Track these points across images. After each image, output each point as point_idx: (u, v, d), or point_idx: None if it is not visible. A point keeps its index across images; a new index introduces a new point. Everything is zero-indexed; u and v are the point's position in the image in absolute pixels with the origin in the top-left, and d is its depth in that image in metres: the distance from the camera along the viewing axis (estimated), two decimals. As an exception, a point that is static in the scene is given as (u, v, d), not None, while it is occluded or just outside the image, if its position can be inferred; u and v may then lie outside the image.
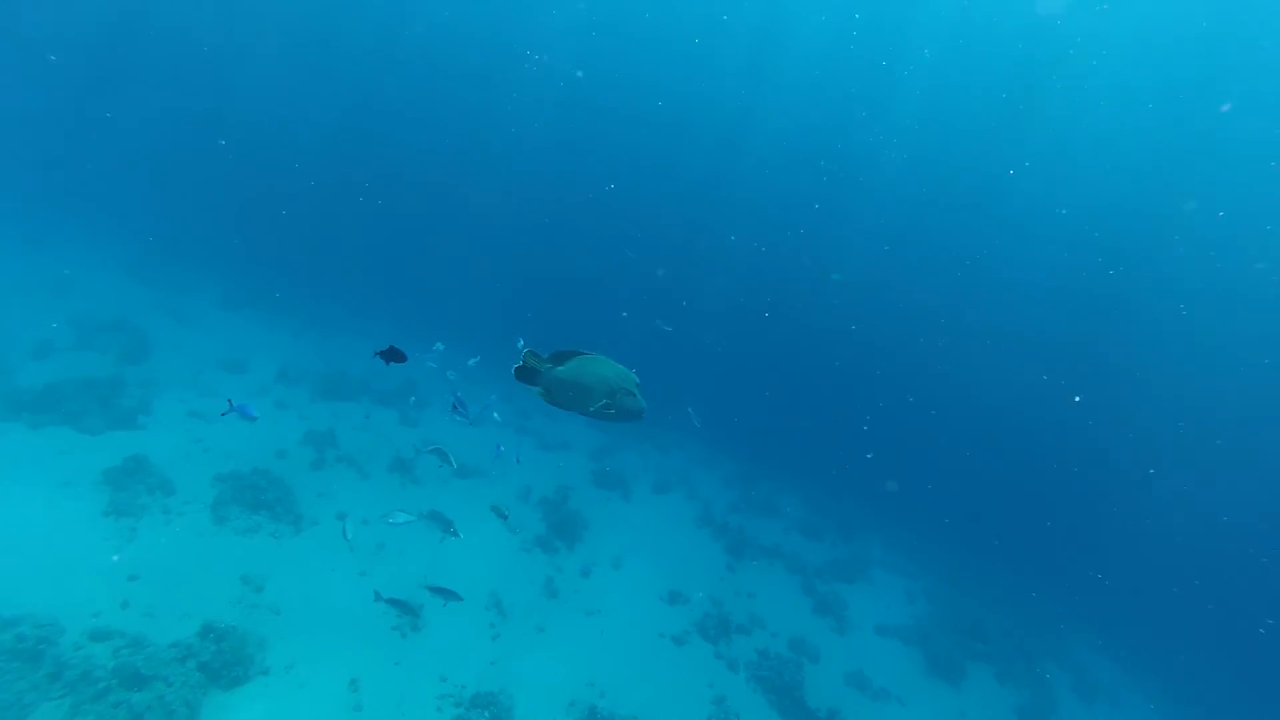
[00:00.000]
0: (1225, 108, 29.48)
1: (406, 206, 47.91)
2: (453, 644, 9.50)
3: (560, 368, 3.31)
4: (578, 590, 12.27)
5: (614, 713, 9.11)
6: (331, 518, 11.54)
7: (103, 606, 8.30)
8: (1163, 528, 33.37)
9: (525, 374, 3.36)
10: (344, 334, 24.57)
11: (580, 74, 45.61)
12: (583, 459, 19.45)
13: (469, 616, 10.25)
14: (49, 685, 7.22)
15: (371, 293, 32.56)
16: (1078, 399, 36.95)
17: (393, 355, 5.52)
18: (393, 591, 10.14)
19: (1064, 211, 38.27)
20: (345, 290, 31.14)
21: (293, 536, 10.62)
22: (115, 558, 8.94)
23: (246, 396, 15.51)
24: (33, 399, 12.04)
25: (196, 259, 27.29)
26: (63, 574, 8.58)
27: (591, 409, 3.38)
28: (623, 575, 13.50)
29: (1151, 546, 32.61)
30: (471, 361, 14.88)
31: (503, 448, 8.71)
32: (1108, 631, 22.28)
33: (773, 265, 46.10)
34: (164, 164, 40.74)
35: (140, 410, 12.84)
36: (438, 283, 38.38)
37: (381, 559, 10.90)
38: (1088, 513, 35.10)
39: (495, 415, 13.09)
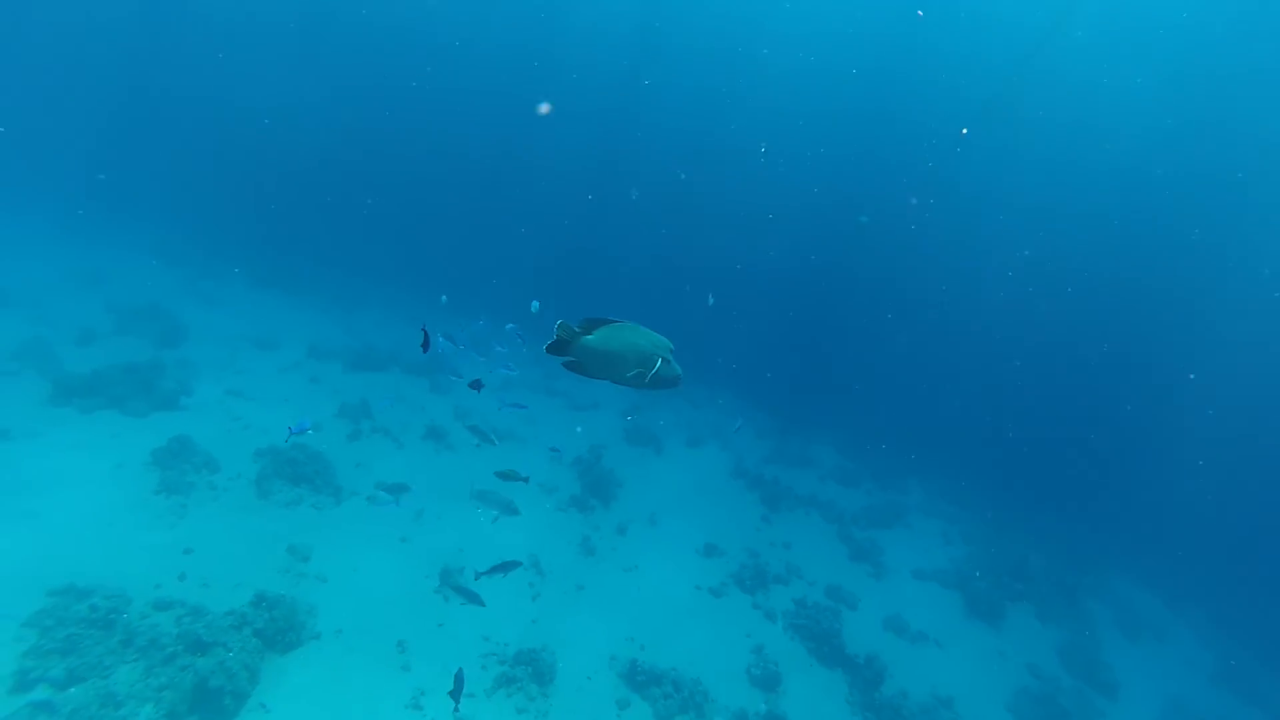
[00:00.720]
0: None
1: (427, 181, 47.76)
2: (494, 604, 9.75)
3: (590, 336, 3.21)
4: (615, 548, 12.46)
5: (654, 666, 9.30)
6: (370, 487, 11.83)
7: (163, 579, 8.70)
8: (1210, 457, 32.46)
9: (558, 346, 3.26)
10: (369, 308, 24.85)
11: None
12: (614, 417, 19.56)
13: (509, 578, 10.48)
14: (123, 650, 7.64)
15: (393, 268, 32.74)
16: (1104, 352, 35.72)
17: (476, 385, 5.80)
18: (433, 558, 10.45)
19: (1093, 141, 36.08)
20: (367, 266, 31.38)
21: (334, 507, 10.93)
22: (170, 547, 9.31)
23: (279, 373, 15.85)
24: (81, 385, 12.46)
25: (222, 242, 27.67)
26: (124, 549, 8.99)
27: (625, 377, 3.30)
28: (659, 531, 13.66)
29: (1197, 477, 31.78)
30: (509, 327, 14.99)
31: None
32: (1152, 565, 21.95)
33: (804, 214, 44.93)
34: (187, 150, 41.12)
35: (181, 392, 13.21)
36: (463, 256, 38.45)
37: (420, 526, 11.18)
38: (1130, 445, 34.29)
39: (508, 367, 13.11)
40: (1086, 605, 16.24)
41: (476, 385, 6.49)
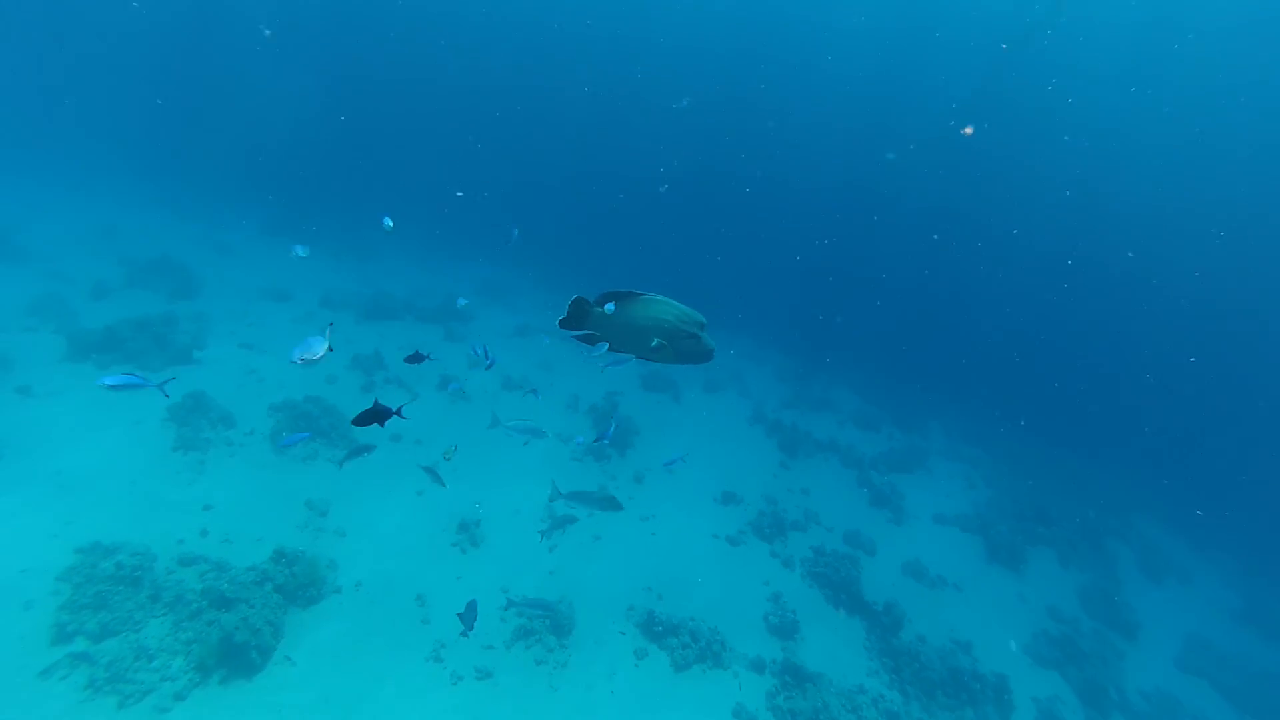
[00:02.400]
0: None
1: (437, 131, 46.36)
2: (511, 557, 9.83)
3: (608, 308, 2.97)
4: (631, 497, 12.44)
5: (672, 615, 9.36)
6: (386, 440, 11.83)
7: (185, 535, 8.83)
8: (1238, 397, 31.60)
9: (572, 320, 3.04)
10: (382, 255, 24.52)
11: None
12: (632, 363, 19.33)
13: (526, 530, 10.54)
14: (151, 605, 7.82)
15: (407, 214, 32.16)
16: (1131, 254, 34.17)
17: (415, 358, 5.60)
18: (450, 511, 10.48)
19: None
20: (381, 212, 30.82)
21: (350, 461, 10.93)
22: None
23: (292, 324, 15.76)
24: (97, 341, 12.46)
25: (234, 192, 27.26)
26: (146, 506, 9.12)
27: (648, 349, 3.09)
28: (675, 479, 13.60)
29: (1225, 417, 31.03)
30: (462, 302, 14.87)
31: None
32: (1178, 508, 21.63)
33: (825, 154, 43.02)
34: (198, 101, 40.16)
35: (194, 345, 13.19)
36: (472, 205, 37.64)
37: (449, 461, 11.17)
38: (1157, 385, 33.43)
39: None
40: (1110, 547, 16.09)
41: (415, 359, 6.23)
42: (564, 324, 3.10)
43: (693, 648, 8.94)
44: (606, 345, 3.27)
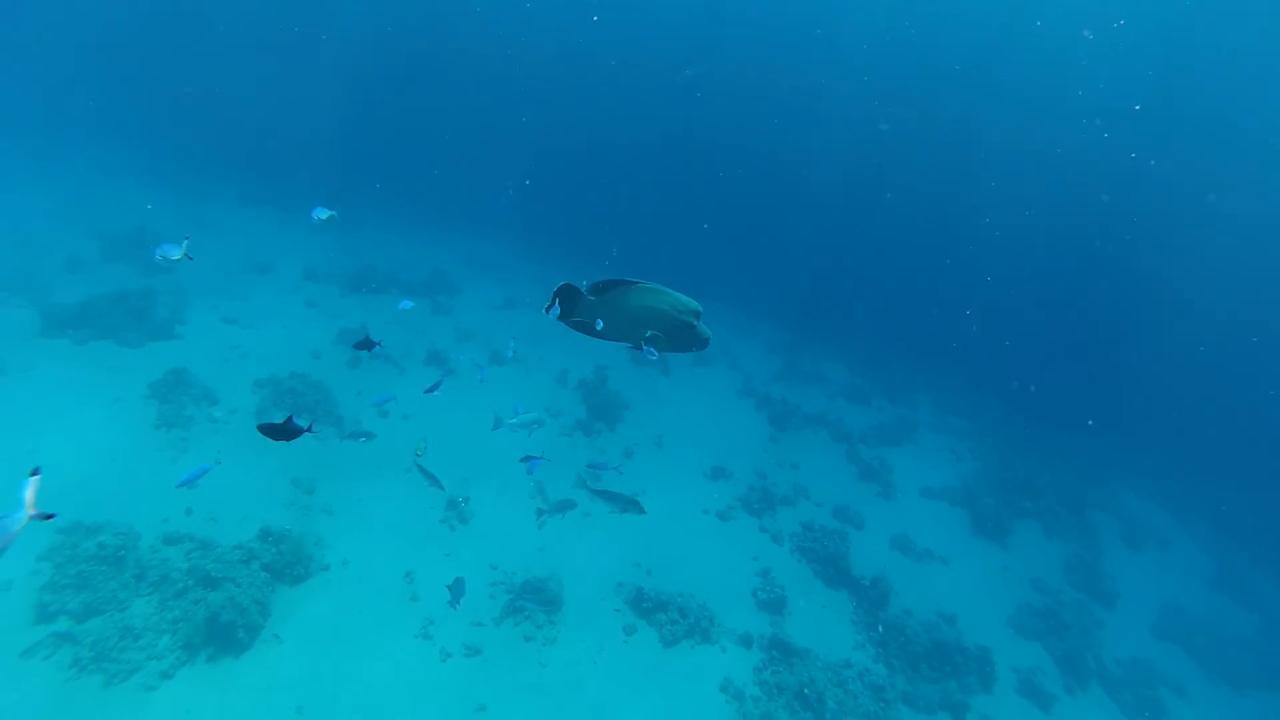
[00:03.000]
0: None
1: (423, 99, 45.10)
2: (500, 533, 9.82)
3: (602, 297, 2.87)
4: (621, 472, 12.39)
5: (661, 591, 9.42)
6: (373, 416, 11.70)
7: (169, 513, 8.72)
8: (1216, 364, 32.02)
9: (563, 303, 2.93)
10: (365, 227, 24.01)
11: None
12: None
13: (515, 506, 10.51)
14: (136, 584, 7.75)
15: (391, 184, 31.45)
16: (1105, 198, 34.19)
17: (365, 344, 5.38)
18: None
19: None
20: (363, 181, 30.13)
21: (336, 438, 10.83)
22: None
23: (275, 297, 15.44)
24: (73, 315, 12.16)
25: (211, 162, 26.47)
26: (129, 485, 8.98)
27: (641, 339, 3.01)
28: (665, 454, 13.60)
29: (1203, 383, 31.44)
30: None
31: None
32: (1158, 476, 22.00)
33: (817, 123, 42.33)
34: (170, 67, 38.72)
35: (175, 320, 12.91)
36: (457, 173, 36.83)
37: (424, 455, 11.08)
38: (1137, 354, 33.79)
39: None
40: (1092, 518, 16.35)
41: (365, 345, 6.11)
42: (552, 310, 3.00)
43: (681, 623, 9.01)
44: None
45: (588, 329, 3.09)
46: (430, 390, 8.76)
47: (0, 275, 13.26)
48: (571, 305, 3.00)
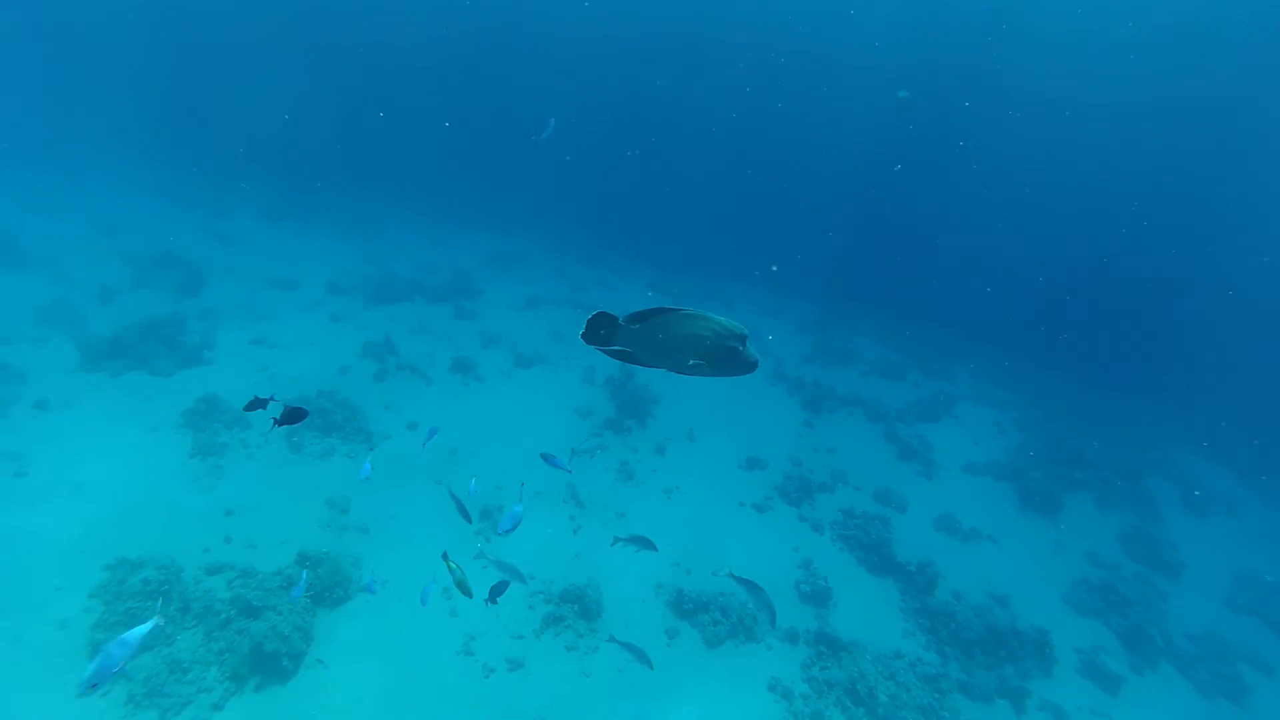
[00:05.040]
0: None
1: (438, 99, 45.00)
2: (536, 542, 9.73)
3: (642, 325, 2.71)
4: (654, 470, 12.24)
5: (701, 591, 9.24)
6: (402, 429, 11.71)
7: (210, 542, 8.84)
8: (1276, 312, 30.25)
9: (598, 333, 2.79)
10: (387, 230, 24.11)
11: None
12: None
13: (549, 512, 10.42)
14: (181, 617, 7.86)
15: (409, 186, 31.54)
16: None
17: (291, 417, 5.13)
18: (471, 499, 10.35)
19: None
20: (382, 186, 30.26)
21: (366, 454, 10.85)
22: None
23: (300, 313, 15.56)
24: (108, 347, 12.39)
25: (232, 177, 26.85)
26: (169, 516, 9.12)
27: (685, 366, 2.86)
28: (698, 447, 13.37)
29: (1264, 333, 29.75)
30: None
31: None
32: (1222, 435, 20.92)
33: (842, 91, 40.94)
34: (187, 83, 39.35)
35: (204, 345, 13.08)
36: (475, 174, 36.75)
37: (455, 464, 11.08)
38: (1193, 307, 32.11)
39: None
40: (1149, 485, 15.63)
41: (256, 405, 5.98)
42: (588, 340, 2.85)
43: (724, 624, 8.84)
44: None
45: (627, 357, 2.92)
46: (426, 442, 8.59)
47: (40, 310, 13.59)
48: (609, 334, 2.83)
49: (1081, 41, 33.14)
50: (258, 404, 6.18)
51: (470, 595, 5.32)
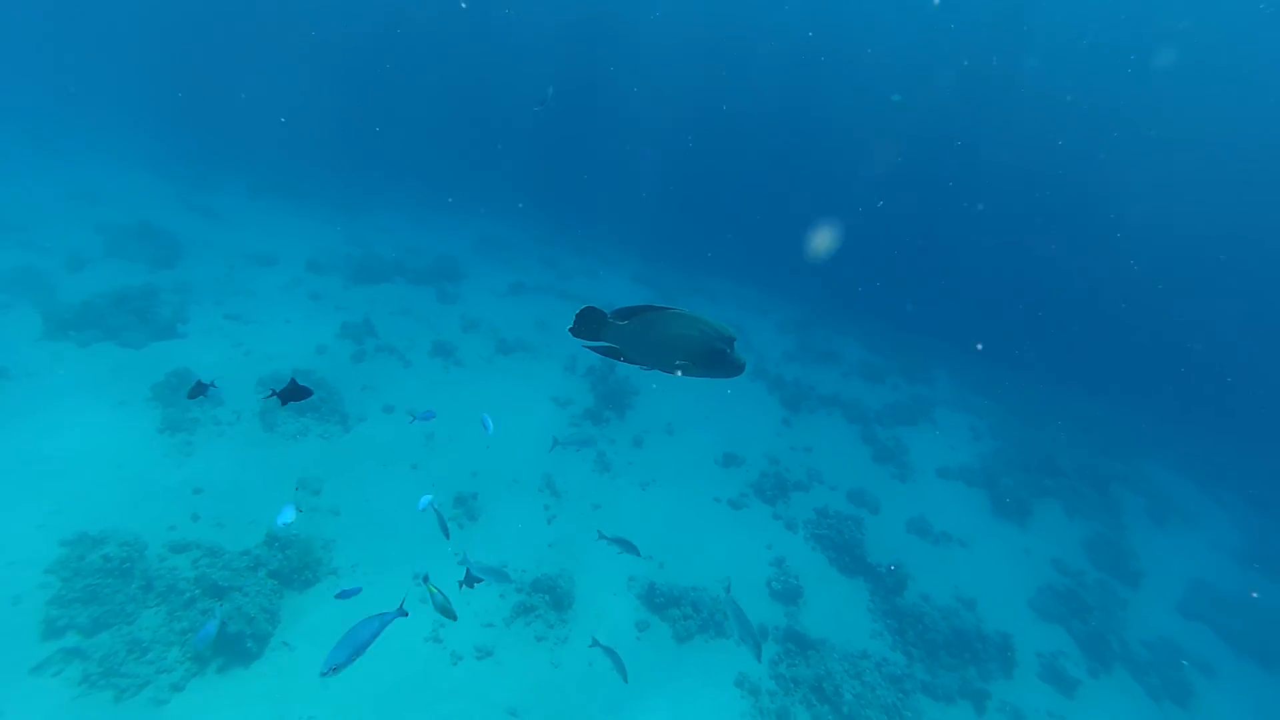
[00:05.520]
0: None
1: (428, 79, 44.28)
2: (510, 531, 9.69)
3: (629, 322, 2.69)
4: (631, 462, 12.24)
5: (673, 585, 9.27)
6: (378, 412, 11.57)
7: (176, 520, 8.66)
8: (1249, 334, 31.06)
9: (586, 328, 2.78)
10: (374, 212, 23.73)
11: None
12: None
13: (524, 501, 10.37)
14: (144, 595, 7.70)
15: (397, 165, 31.05)
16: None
17: (294, 393, 4.98)
18: (447, 485, 10.28)
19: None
20: (371, 167, 29.77)
21: (342, 436, 10.72)
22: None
23: (279, 291, 15.27)
24: (76, 316, 12.06)
25: (216, 150, 26.22)
26: (135, 492, 8.93)
27: (672, 367, 2.85)
28: (676, 441, 13.39)
29: (1233, 356, 30.57)
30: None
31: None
32: (1186, 449, 21.50)
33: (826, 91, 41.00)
34: (173, 53, 38.27)
35: (178, 319, 12.79)
36: (467, 152, 36.27)
37: (431, 450, 10.97)
38: (1165, 325, 32.86)
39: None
40: (1117, 495, 15.98)
41: (198, 391, 5.94)
42: (576, 334, 2.82)
43: (694, 618, 8.88)
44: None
45: (613, 354, 2.90)
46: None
47: (4, 276, 13.17)
48: (595, 330, 2.81)
49: (1072, 43, 33.57)
50: (199, 390, 6.09)
51: (455, 618, 5.23)
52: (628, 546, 7.75)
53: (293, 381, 4.90)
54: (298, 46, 41.38)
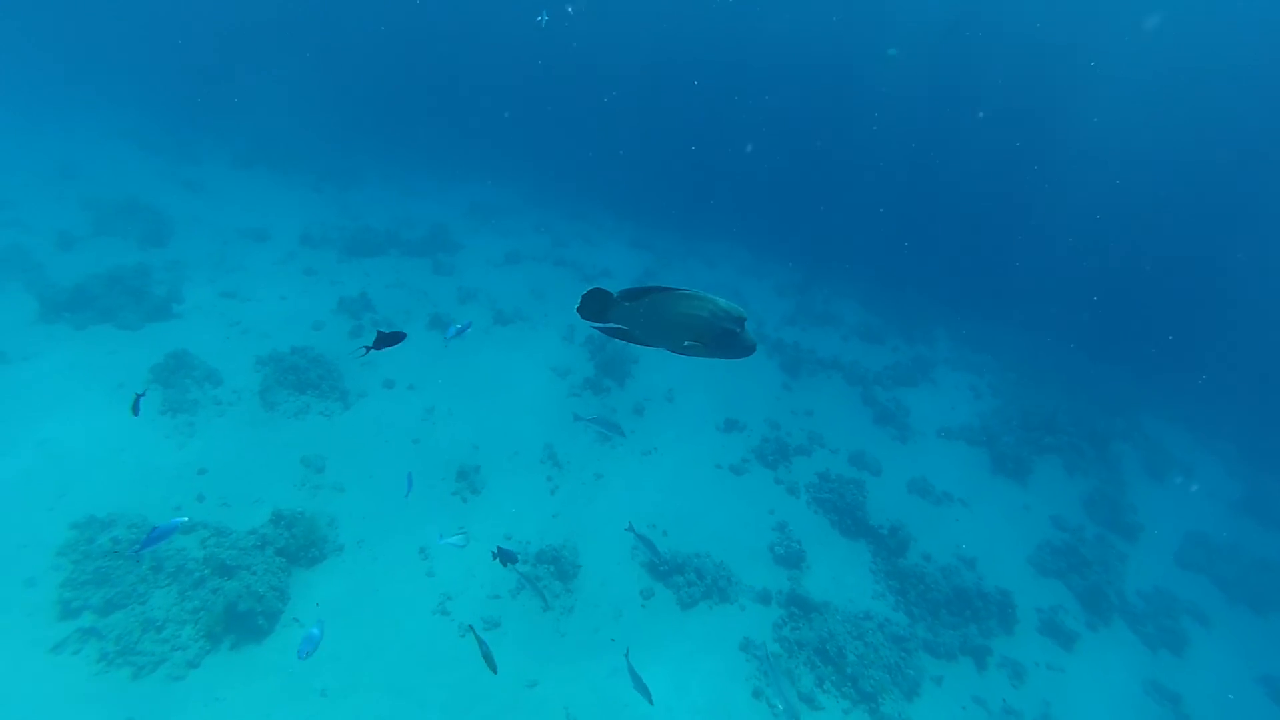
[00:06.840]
0: None
1: (415, 42, 42.84)
2: (513, 503, 9.76)
3: (636, 303, 2.65)
4: (632, 430, 12.24)
5: (677, 551, 9.38)
6: (378, 387, 11.54)
7: (181, 501, 8.73)
8: (1247, 285, 30.84)
9: (593, 309, 2.74)
10: (364, 183, 23.28)
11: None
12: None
13: (527, 473, 10.43)
14: (154, 576, 7.80)
15: (391, 135, 30.31)
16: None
17: (387, 340, 4.88)
18: (448, 458, 10.31)
19: None
20: (361, 136, 29.05)
21: (342, 413, 10.71)
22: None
23: (273, 266, 15.08)
24: (69, 298, 11.94)
25: (201, 120, 25.57)
26: (139, 474, 8.97)
27: (680, 346, 2.81)
28: (676, 408, 13.40)
29: (1228, 302, 30.40)
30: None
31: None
32: (1184, 401, 21.53)
33: (821, 52, 39.73)
34: (155, 21, 36.99)
35: (172, 298, 12.65)
36: (464, 120, 35.37)
37: (431, 424, 10.98)
38: (1165, 278, 32.59)
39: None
40: (1116, 451, 16.06)
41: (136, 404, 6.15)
42: (583, 315, 2.79)
43: (698, 585, 9.00)
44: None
45: (621, 334, 2.87)
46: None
47: (-7, 257, 13.00)
48: (602, 310, 2.76)
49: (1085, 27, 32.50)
50: (136, 402, 6.22)
51: (495, 670, 5.52)
52: (650, 546, 8.15)
53: (379, 333, 4.86)
54: (276, 10, 40.05)
